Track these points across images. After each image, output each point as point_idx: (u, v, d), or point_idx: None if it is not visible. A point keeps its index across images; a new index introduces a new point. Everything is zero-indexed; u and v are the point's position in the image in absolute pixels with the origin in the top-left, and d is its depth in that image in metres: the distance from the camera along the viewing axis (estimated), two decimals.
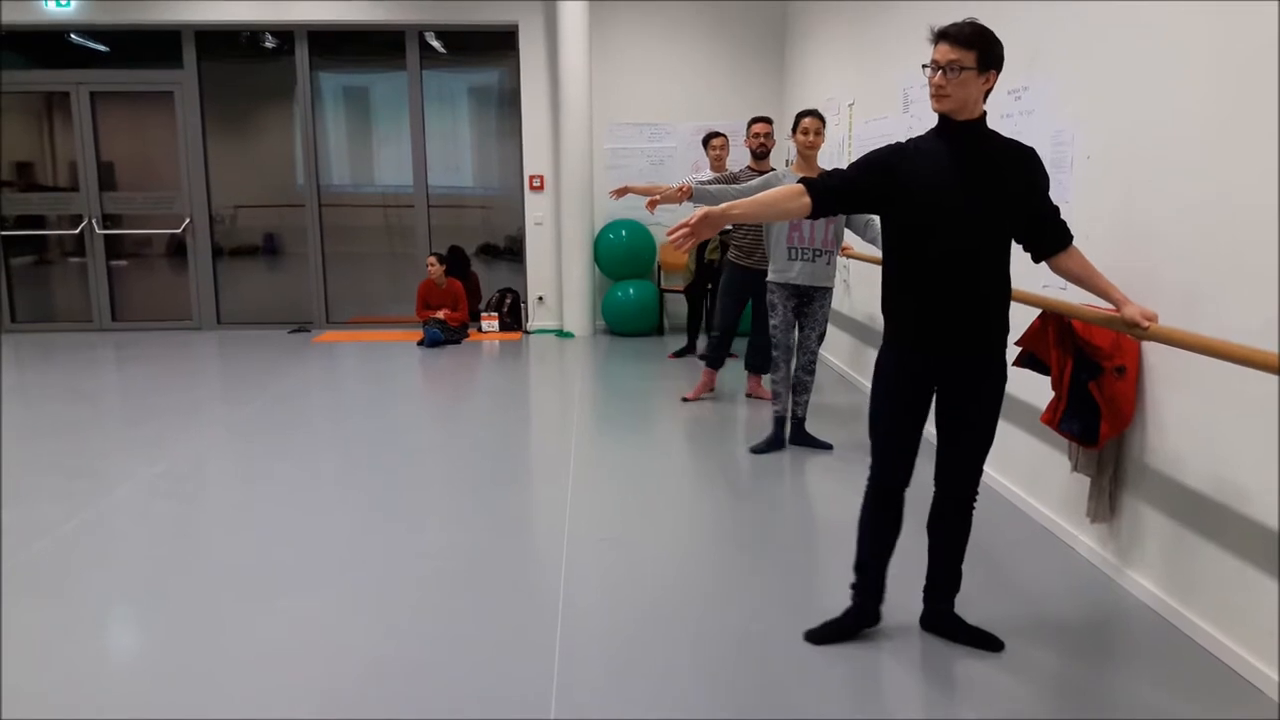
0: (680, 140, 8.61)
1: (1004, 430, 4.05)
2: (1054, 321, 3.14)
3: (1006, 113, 3.92)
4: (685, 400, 5.85)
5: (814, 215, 2.53)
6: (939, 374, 2.59)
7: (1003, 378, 2.61)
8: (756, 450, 4.77)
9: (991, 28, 2.46)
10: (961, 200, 2.45)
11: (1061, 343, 3.12)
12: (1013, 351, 3.39)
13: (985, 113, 2.51)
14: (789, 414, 4.82)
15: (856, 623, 2.81)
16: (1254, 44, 2.50)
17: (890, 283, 2.61)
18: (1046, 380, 3.24)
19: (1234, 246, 2.59)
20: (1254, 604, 2.55)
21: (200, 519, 3.85)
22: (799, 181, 2.53)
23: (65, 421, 5.43)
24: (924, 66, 2.50)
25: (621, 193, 5.38)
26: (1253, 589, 2.55)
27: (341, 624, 2.90)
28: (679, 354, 7.38)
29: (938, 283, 2.48)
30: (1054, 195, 3.52)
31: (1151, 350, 2.98)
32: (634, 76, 8.51)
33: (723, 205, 2.46)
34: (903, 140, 2.60)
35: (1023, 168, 2.52)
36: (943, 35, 2.43)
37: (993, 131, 2.55)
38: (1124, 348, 3.02)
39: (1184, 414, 2.85)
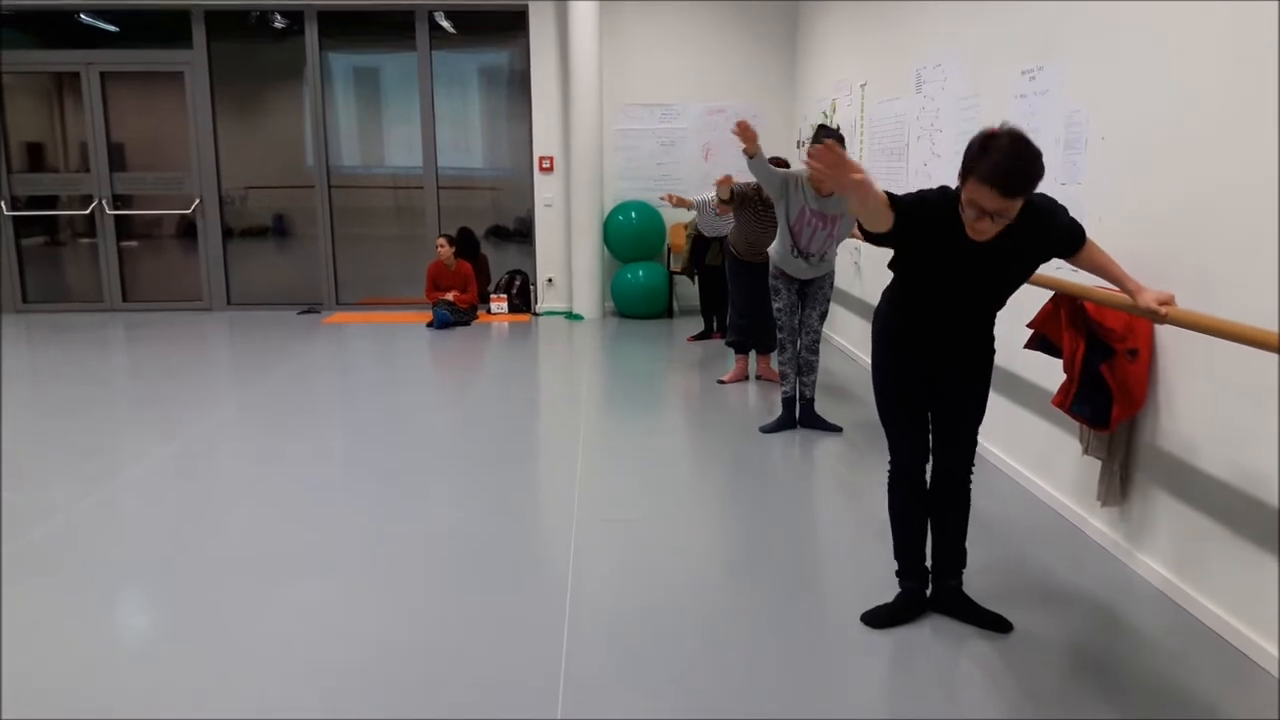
0: (691, 121, 8.57)
1: (1015, 413, 4.05)
2: (1066, 304, 3.12)
3: (1021, 93, 3.88)
4: (721, 382, 5.85)
5: (880, 236, 2.42)
6: (931, 370, 2.67)
7: (989, 361, 2.69)
8: (766, 430, 4.77)
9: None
10: (975, 269, 2.48)
11: (1073, 325, 3.10)
12: (1025, 334, 3.39)
13: None
14: (797, 394, 4.82)
15: (909, 607, 2.82)
16: (1269, 24, 2.46)
17: (893, 291, 2.70)
18: (1058, 363, 3.22)
19: (1247, 229, 2.56)
20: (1264, 587, 2.54)
21: (209, 501, 3.87)
22: (886, 195, 2.37)
23: (76, 401, 5.46)
24: (962, 207, 2.34)
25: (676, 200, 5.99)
26: (1263, 572, 2.54)
27: (350, 607, 2.91)
28: (698, 337, 7.36)
29: (935, 313, 2.60)
30: (1068, 176, 3.53)
31: (1164, 333, 2.96)
32: (644, 57, 8.46)
33: (857, 172, 2.21)
34: (949, 189, 2.45)
35: (1039, 229, 2.44)
36: (990, 182, 2.22)
37: None
38: (1136, 330, 2.99)
39: (1196, 397, 2.83)
